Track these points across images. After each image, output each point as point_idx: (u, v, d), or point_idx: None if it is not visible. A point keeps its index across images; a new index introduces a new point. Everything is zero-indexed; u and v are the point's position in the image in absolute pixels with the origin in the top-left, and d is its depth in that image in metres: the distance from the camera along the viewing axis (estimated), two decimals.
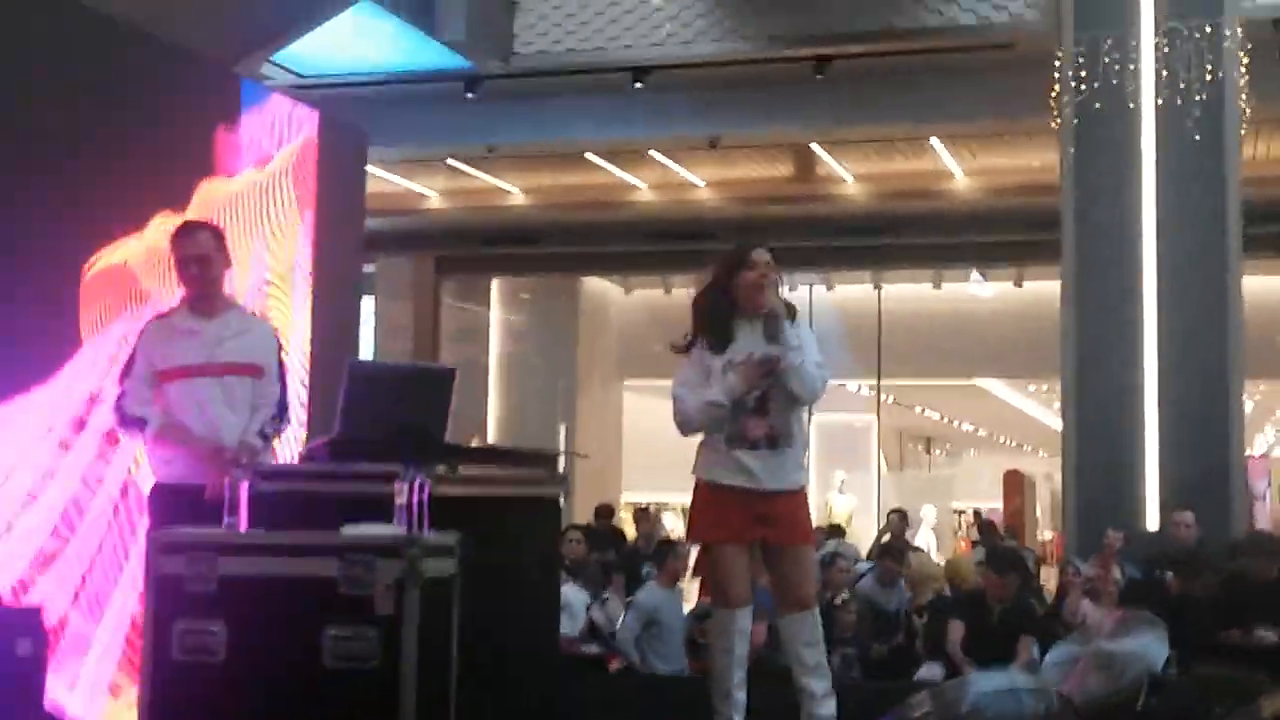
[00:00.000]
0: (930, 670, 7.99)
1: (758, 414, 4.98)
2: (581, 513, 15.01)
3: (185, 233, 5.25)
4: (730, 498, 4.98)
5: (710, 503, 5.07)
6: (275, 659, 3.86)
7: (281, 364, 5.29)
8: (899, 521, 13.48)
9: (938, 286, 17.54)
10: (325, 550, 3.89)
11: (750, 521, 4.99)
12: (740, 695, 4.98)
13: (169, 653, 3.90)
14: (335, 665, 3.82)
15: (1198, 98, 9.87)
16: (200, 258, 5.13)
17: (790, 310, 5.10)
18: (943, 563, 12.62)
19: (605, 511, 14.41)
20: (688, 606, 9.78)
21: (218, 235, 5.28)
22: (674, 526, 18.00)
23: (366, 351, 15.30)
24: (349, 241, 8.46)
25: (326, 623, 3.83)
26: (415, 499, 3.99)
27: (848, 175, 15.16)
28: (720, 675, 5.02)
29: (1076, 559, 9.84)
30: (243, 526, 4.07)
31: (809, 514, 5.27)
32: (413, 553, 3.85)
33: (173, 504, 4.77)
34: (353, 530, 3.99)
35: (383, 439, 4.35)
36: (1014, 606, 8.34)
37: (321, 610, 3.84)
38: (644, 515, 14.74)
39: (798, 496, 5.14)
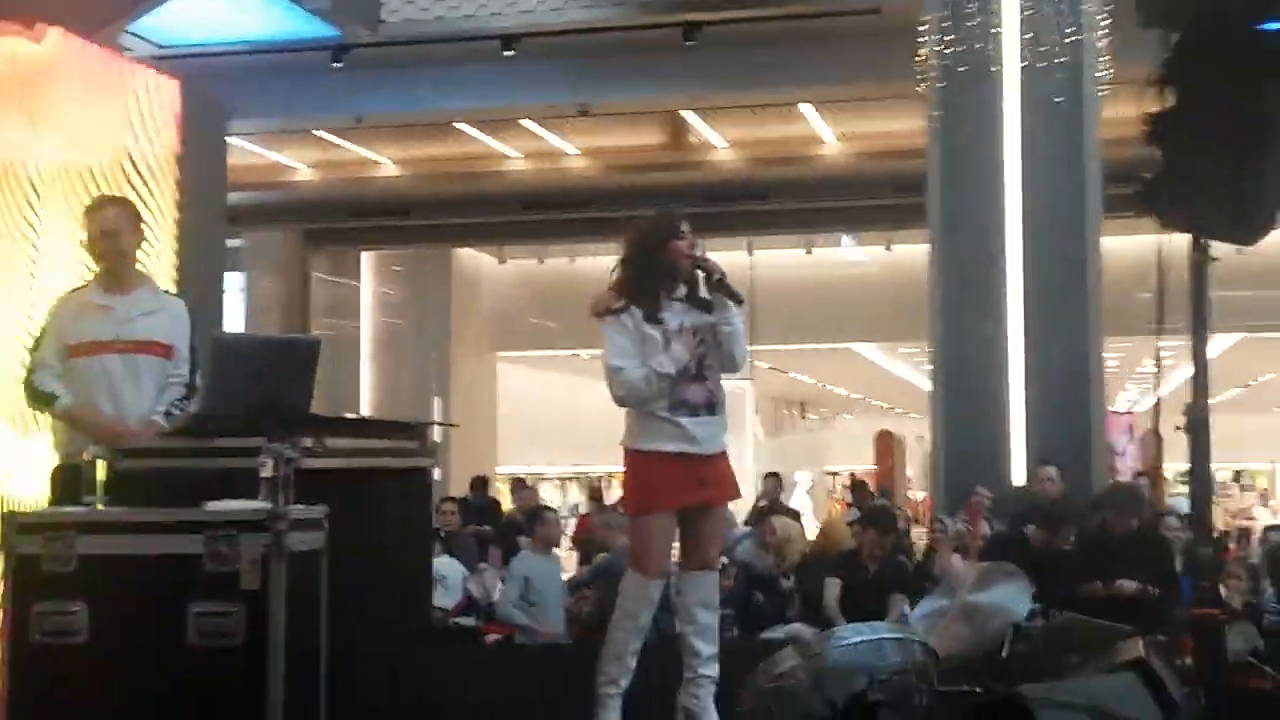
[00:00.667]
0: (795, 628, 8.12)
1: (697, 380, 5.02)
2: (457, 485, 14.94)
3: (95, 208, 5.19)
4: (673, 465, 5.00)
5: (652, 470, 5.06)
6: (138, 638, 3.79)
7: (193, 344, 5.17)
8: (774, 485, 13.63)
9: (809, 252, 17.71)
10: (189, 527, 3.84)
11: (694, 486, 5.03)
12: (632, 661, 5.01)
13: (28, 635, 3.81)
14: (200, 643, 3.76)
15: (1059, 60, 10.04)
16: (109, 233, 5.06)
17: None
18: (817, 525, 12.78)
19: (480, 484, 14.37)
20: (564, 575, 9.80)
21: (129, 210, 5.20)
22: (549, 499, 18.00)
23: (235, 327, 15.04)
24: (212, 215, 8.32)
25: (191, 600, 3.77)
26: (281, 472, 3.93)
27: (719, 141, 15.22)
28: (618, 640, 5.03)
29: (944, 516, 10.03)
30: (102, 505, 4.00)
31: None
32: (278, 527, 3.80)
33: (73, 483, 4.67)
34: (216, 506, 3.93)
35: (247, 412, 4.28)
36: (887, 564, 8.49)
37: (186, 587, 3.79)
38: (521, 486, 14.72)
39: (726, 457, 5.21)
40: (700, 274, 5.08)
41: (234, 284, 15.12)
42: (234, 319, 15.34)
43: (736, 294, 5.09)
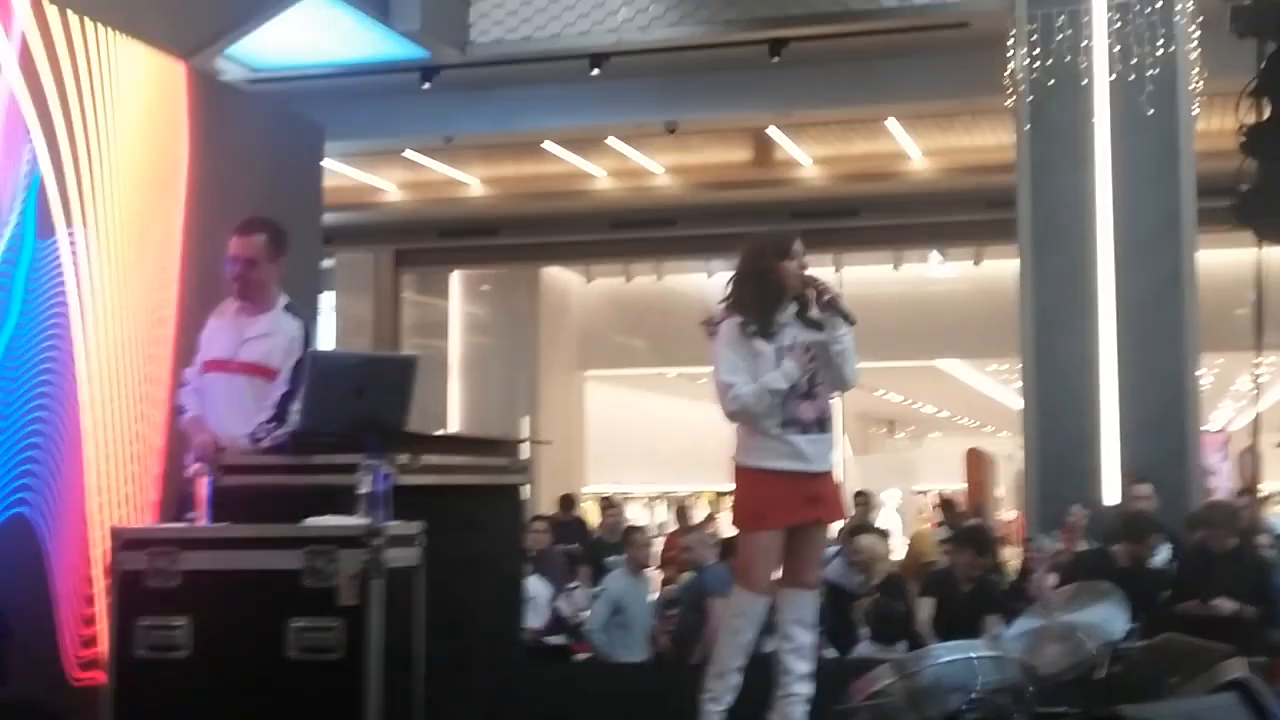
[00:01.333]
0: (870, 648, 8.11)
1: (808, 398, 5.06)
2: (545, 504, 14.99)
3: (240, 231, 5.25)
4: (782, 482, 5.06)
5: (763, 487, 5.10)
6: (240, 653, 3.86)
7: (298, 367, 5.18)
8: (864, 504, 13.55)
9: (897, 268, 17.59)
10: (288, 543, 3.90)
11: (803, 503, 5.11)
12: (737, 679, 5.03)
13: (133, 649, 3.89)
14: (300, 657, 3.82)
15: (1150, 73, 9.92)
16: (245, 259, 5.15)
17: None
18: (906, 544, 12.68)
19: (569, 502, 14.40)
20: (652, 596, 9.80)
21: (276, 239, 5.25)
22: (636, 517, 17.99)
23: (328, 346, 15.22)
24: (307, 236, 8.42)
25: (290, 615, 3.83)
26: (378, 489, 3.98)
27: (805, 158, 15.18)
28: (723, 656, 5.07)
29: (1040, 535, 9.91)
30: (205, 521, 4.06)
31: None
32: (376, 543, 3.86)
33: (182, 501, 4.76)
34: (315, 522, 3.98)
35: (344, 429, 4.34)
36: (981, 585, 8.42)
37: (285, 603, 3.85)
38: (609, 505, 14.72)
39: (832, 475, 5.29)
40: (812, 293, 5.13)
41: (325, 304, 15.31)
42: (326, 338, 15.52)
43: (849, 313, 5.14)
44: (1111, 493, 9.83)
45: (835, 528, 8.80)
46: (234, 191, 6.93)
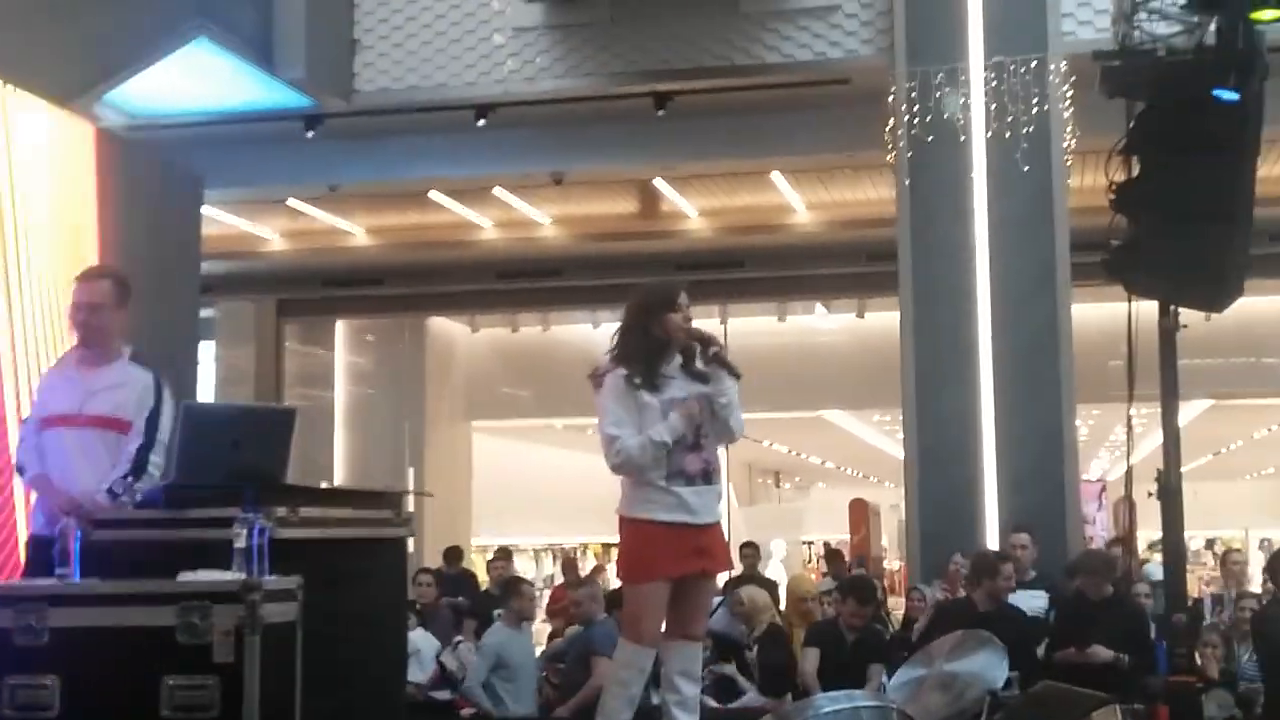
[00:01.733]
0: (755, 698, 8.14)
1: (694, 450, 5.06)
2: (431, 557, 14.84)
3: (84, 277, 5.14)
4: (669, 534, 5.04)
5: (649, 539, 5.08)
6: (111, 712, 3.77)
7: (153, 419, 5.10)
8: (751, 555, 13.58)
9: (782, 319, 17.75)
10: (161, 598, 3.82)
11: (690, 554, 5.10)
12: None
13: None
14: (174, 716, 3.74)
15: (1025, 130, 10.15)
16: (90, 305, 5.04)
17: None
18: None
19: (454, 555, 14.25)
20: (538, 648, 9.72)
21: (121, 286, 5.14)
22: (524, 570, 17.86)
23: (206, 398, 14.97)
24: (185, 284, 8.32)
25: (164, 673, 3.75)
26: (255, 543, 3.91)
27: (691, 210, 15.29)
28: (611, 710, 5.02)
29: (921, 585, 10.01)
30: (75, 577, 3.96)
31: None
32: (252, 598, 3.79)
33: (44, 557, 4.63)
34: (189, 577, 3.90)
35: (220, 482, 4.27)
36: (865, 634, 8.49)
37: (159, 660, 3.77)
38: (502, 557, 14.50)
39: (720, 527, 5.29)
40: (697, 346, 5.15)
41: (205, 354, 15.05)
42: (205, 389, 15.27)
43: (733, 368, 5.16)
44: (993, 541, 9.96)
45: (721, 579, 8.83)
46: (109, 238, 6.82)
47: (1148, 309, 7.10)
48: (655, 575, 5.06)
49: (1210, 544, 27.31)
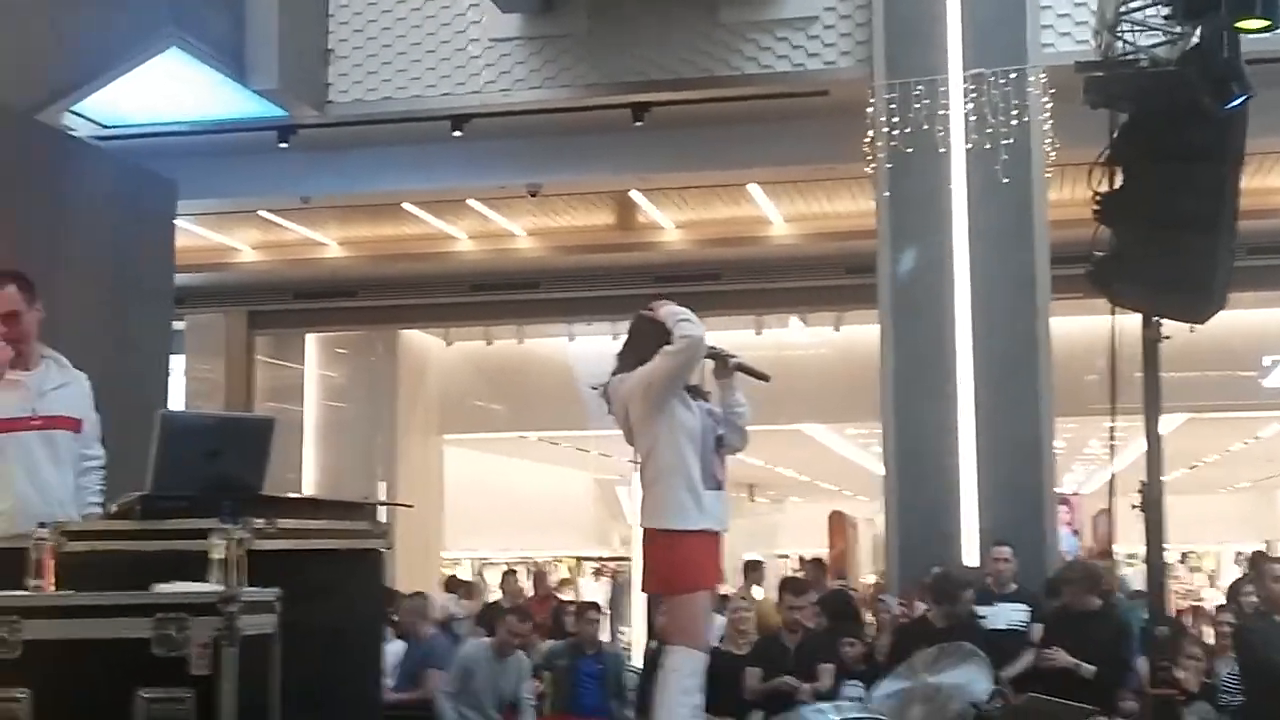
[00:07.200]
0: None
1: (717, 454, 5.16)
2: (404, 570, 14.73)
3: None
4: (710, 542, 5.15)
5: (697, 549, 5.11)
6: None
7: (96, 422, 5.14)
8: (755, 571, 13.52)
9: (759, 332, 17.70)
10: (136, 610, 3.75)
11: (719, 564, 5.22)
12: None
13: None
14: None
15: (1005, 142, 10.14)
16: (7, 315, 4.97)
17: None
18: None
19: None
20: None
21: (26, 286, 5.10)
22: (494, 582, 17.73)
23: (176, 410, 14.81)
24: (159, 295, 8.21)
25: (140, 685, 3.68)
26: (232, 554, 3.84)
27: (667, 222, 15.24)
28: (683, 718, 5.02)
29: (885, 597, 10.01)
30: (49, 588, 3.88)
31: None
32: (229, 610, 3.72)
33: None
34: (166, 588, 3.82)
35: (198, 492, 4.19)
36: (806, 638, 8.65)
37: (134, 673, 3.70)
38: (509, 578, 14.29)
39: None
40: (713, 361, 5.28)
41: (174, 367, 14.92)
42: (175, 403, 15.13)
43: (763, 373, 5.44)
44: (971, 555, 9.92)
45: None
46: (81, 248, 6.72)
47: (1129, 321, 7.08)
48: (705, 584, 5.20)
49: (1185, 558, 27.43)
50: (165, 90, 11.29)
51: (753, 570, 12.82)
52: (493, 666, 9.13)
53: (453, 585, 14.98)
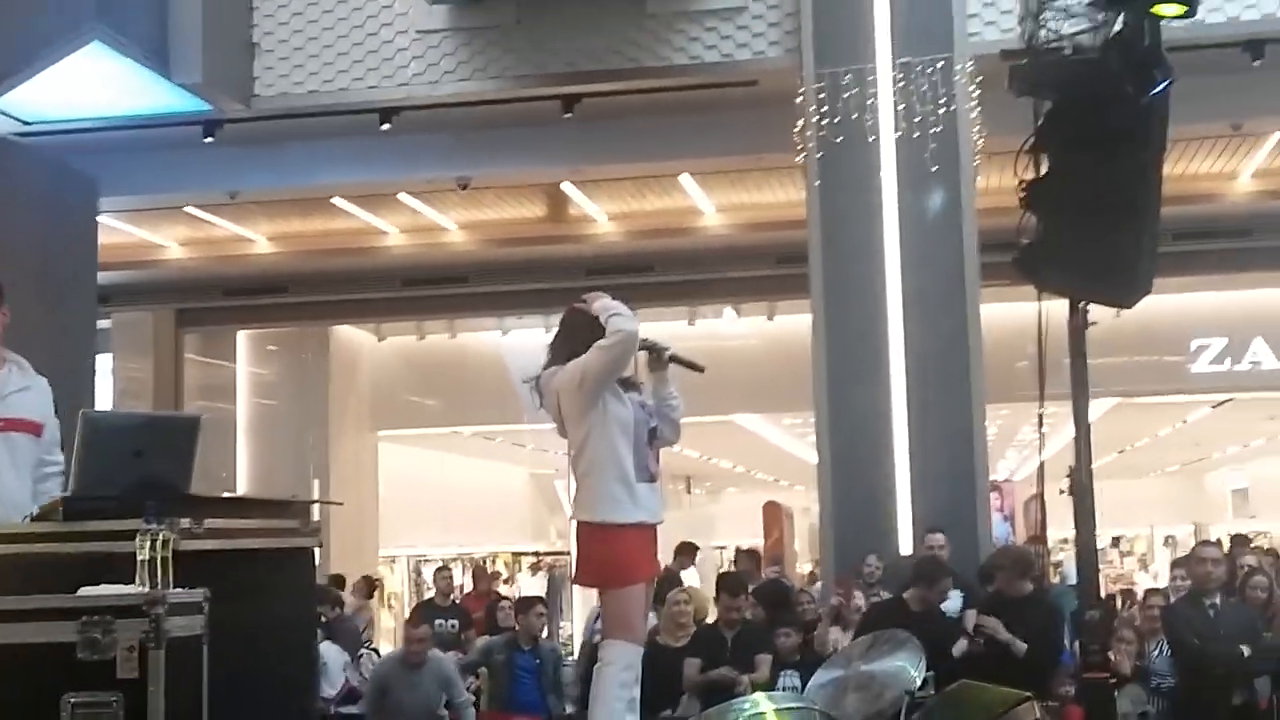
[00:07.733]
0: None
1: (650, 447, 5.15)
2: (339, 568, 14.64)
3: None
4: (644, 535, 5.16)
5: (630, 542, 5.13)
6: None
7: (56, 425, 5.07)
8: (688, 554, 13.44)
9: (692, 323, 17.72)
10: (61, 614, 3.69)
11: (655, 555, 5.26)
12: None
13: None
14: None
15: (933, 130, 10.20)
16: None
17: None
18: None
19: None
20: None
21: None
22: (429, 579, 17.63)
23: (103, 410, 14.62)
24: (82, 293, 8.09)
25: (66, 690, 3.62)
26: (159, 555, 3.78)
27: (600, 214, 15.22)
28: (618, 712, 4.99)
29: (812, 589, 10.06)
30: None
31: None
32: (156, 612, 3.66)
33: None
34: (91, 591, 3.76)
35: (123, 493, 4.12)
36: (744, 630, 8.66)
37: (60, 677, 3.64)
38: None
39: None
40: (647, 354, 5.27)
41: (102, 366, 14.72)
42: (102, 403, 14.94)
43: (697, 364, 5.45)
44: (906, 543, 9.98)
45: None
46: (0, 246, 6.61)
47: (1057, 307, 7.12)
48: (641, 577, 5.16)
49: (1116, 542, 27.77)
50: (88, 85, 11.10)
51: (683, 553, 12.71)
52: (407, 678, 8.98)
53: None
